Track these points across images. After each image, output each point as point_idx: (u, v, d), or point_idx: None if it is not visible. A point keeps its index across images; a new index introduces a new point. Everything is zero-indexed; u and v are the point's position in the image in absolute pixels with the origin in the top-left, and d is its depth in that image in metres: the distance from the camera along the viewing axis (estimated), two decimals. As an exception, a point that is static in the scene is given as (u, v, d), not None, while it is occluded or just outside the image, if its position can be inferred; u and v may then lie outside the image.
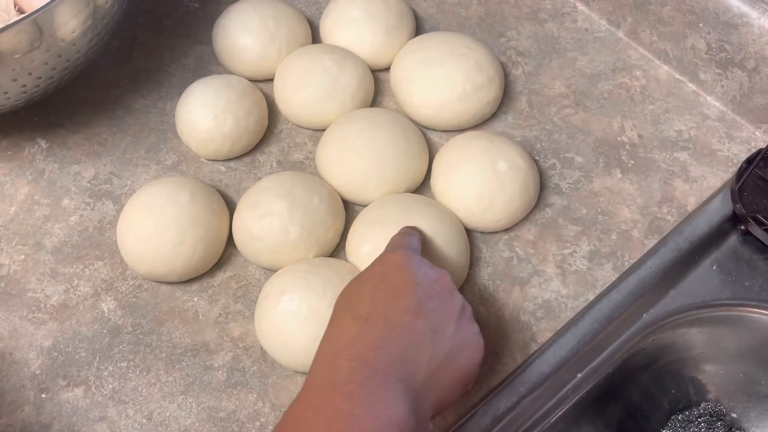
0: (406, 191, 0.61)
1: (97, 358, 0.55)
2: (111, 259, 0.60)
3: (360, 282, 0.46)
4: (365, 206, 0.60)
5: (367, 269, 0.47)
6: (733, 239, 0.60)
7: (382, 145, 0.60)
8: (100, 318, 0.57)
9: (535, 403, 0.53)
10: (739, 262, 0.59)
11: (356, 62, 0.66)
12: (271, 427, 0.52)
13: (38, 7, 0.54)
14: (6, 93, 0.57)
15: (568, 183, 0.63)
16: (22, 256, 0.60)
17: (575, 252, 0.59)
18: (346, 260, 0.58)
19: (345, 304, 0.44)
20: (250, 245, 0.57)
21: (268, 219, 0.56)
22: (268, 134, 0.66)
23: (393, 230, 0.55)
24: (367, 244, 0.56)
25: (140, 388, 0.54)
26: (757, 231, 0.58)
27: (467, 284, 0.58)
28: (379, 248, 0.54)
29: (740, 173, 0.60)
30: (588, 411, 0.56)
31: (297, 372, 0.54)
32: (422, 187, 0.63)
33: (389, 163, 0.60)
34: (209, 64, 0.71)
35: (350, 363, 0.40)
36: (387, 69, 0.69)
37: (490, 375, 0.54)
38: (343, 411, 0.37)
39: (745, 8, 0.61)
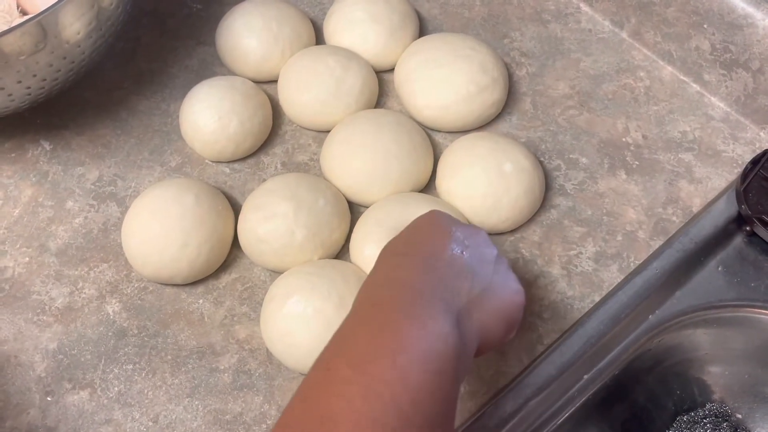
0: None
1: (103, 361, 0.55)
2: (116, 261, 0.59)
3: (395, 237, 0.46)
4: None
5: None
6: (739, 240, 0.60)
7: (386, 147, 0.60)
8: (105, 320, 0.57)
9: (541, 404, 0.53)
10: (744, 263, 0.59)
11: (360, 63, 0.66)
12: (277, 430, 0.52)
13: (41, 8, 0.54)
14: (10, 95, 0.57)
15: (573, 184, 0.63)
16: (27, 259, 0.60)
17: (581, 253, 0.59)
18: (351, 262, 0.58)
19: (382, 253, 0.45)
20: (256, 247, 0.57)
21: (273, 221, 0.56)
22: (273, 136, 0.66)
23: (396, 231, 0.55)
24: (370, 245, 0.56)
25: (146, 391, 0.54)
26: (762, 232, 0.58)
27: (473, 286, 0.58)
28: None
29: (745, 174, 0.60)
30: (594, 412, 0.56)
31: (303, 374, 0.54)
32: (427, 188, 0.63)
33: (394, 165, 0.60)
34: (212, 66, 0.71)
35: (392, 285, 0.40)
36: (391, 70, 0.69)
37: (496, 377, 0.54)
38: (387, 322, 0.37)
39: (750, 9, 0.61)
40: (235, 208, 0.61)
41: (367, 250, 0.56)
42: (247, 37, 0.67)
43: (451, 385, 0.36)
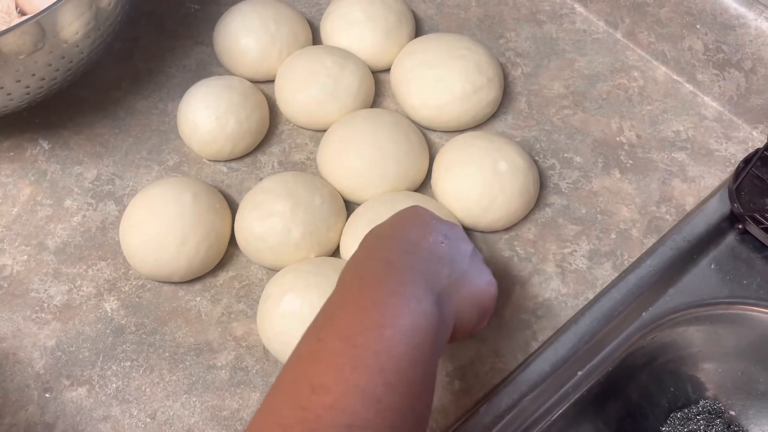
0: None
1: (101, 358, 0.55)
2: (114, 259, 0.60)
3: (378, 224, 0.47)
4: (366, 206, 0.61)
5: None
6: (731, 238, 0.60)
7: (383, 146, 0.60)
8: (103, 318, 0.57)
9: (535, 401, 0.54)
10: (737, 260, 0.59)
11: (357, 63, 0.66)
12: (274, 426, 0.52)
13: (39, 8, 0.54)
14: (9, 94, 0.58)
15: (567, 183, 0.63)
16: (25, 257, 0.60)
17: (575, 251, 0.60)
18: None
19: (365, 237, 0.46)
20: (252, 245, 0.58)
21: (270, 219, 0.57)
22: (270, 135, 0.67)
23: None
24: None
25: (144, 388, 0.54)
26: (754, 230, 0.58)
27: (468, 283, 0.58)
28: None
29: (738, 173, 0.60)
30: (588, 409, 0.56)
31: (299, 371, 0.54)
32: (423, 187, 0.63)
33: (390, 164, 0.60)
34: (210, 65, 0.71)
35: (377, 264, 0.42)
36: (387, 70, 0.70)
37: (491, 373, 0.54)
38: (374, 299, 0.39)
39: (742, 9, 0.62)
40: (233, 207, 0.61)
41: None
42: (245, 37, 0.67)
43: (430, 357, 0.39)
